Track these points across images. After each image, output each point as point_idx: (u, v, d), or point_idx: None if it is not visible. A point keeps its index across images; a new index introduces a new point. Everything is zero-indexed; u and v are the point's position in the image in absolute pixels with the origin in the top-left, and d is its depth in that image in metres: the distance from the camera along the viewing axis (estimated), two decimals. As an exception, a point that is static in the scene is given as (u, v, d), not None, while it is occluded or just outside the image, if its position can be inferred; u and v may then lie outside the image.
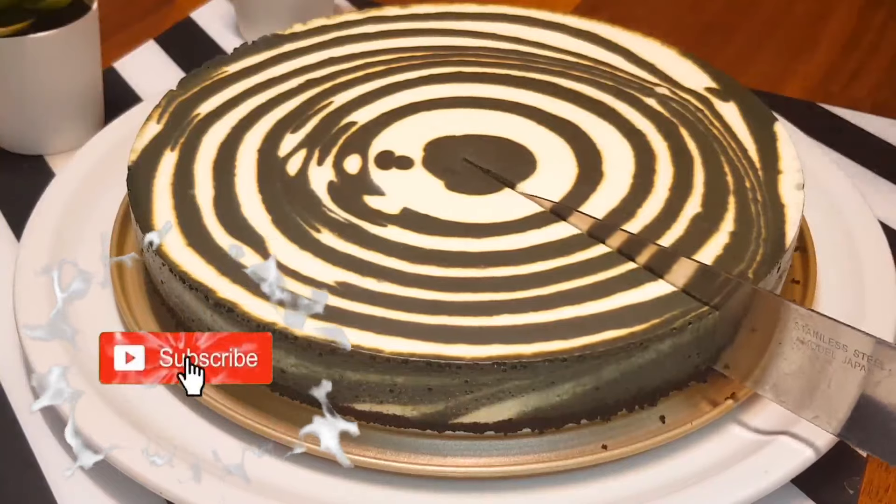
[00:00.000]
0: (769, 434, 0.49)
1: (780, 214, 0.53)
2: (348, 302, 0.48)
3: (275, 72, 0.64)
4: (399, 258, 0.50)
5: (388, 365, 0.45)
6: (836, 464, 0.50)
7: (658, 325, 0.47)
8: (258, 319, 0.47)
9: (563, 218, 0.53)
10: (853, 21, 0.92)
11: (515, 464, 0.47)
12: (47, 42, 0.66)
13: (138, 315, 0.53)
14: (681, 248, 0.51)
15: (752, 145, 0.58)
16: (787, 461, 0.47)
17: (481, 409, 0.46)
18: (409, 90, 0.63)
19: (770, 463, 0.47)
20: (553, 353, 0.45)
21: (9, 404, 0.53)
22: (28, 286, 0.55)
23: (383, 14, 0.70)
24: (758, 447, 0.48)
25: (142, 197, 0.54)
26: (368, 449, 0.47)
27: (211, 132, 0.59)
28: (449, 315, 0.47)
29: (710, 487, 0.46)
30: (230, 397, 0.49)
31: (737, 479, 0.46)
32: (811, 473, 0.48)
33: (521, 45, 0.67)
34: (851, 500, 0.49)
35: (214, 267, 0.49)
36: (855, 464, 0.51)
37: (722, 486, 0.46)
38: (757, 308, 0.47)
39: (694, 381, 0.49)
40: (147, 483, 0.46)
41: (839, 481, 0.50)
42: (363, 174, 0.56)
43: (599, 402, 0.47)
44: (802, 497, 0.49)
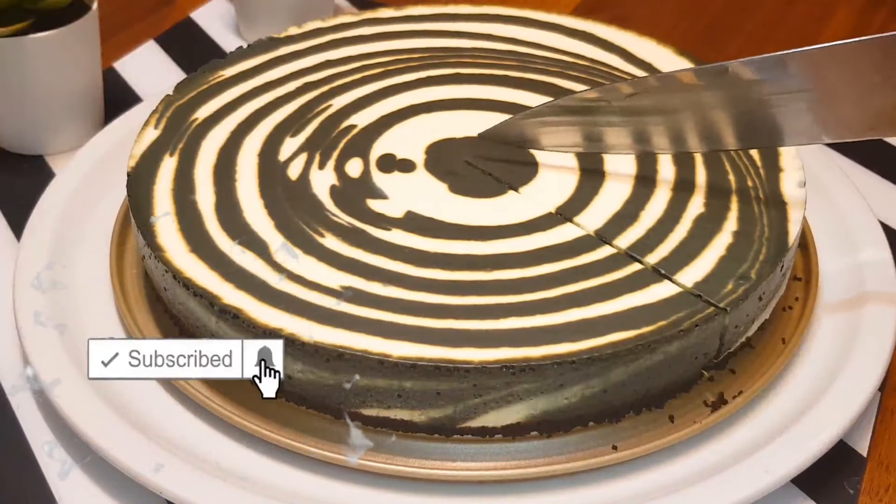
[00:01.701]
0: (770, 434, 0.49)
1: (783, 213, 0.54)
2: (354, 307, 0.48)
3: (272, 75, 0.64)
4: (404, 262, 0.50)
5: (395, 370, 0.45)
6: (836, 464, 0.50)
7: (665, 326, 0.47)
8: (264, 325, 0.47)
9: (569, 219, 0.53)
10: (853, 21, 0.92)
11: (527, 466, 0.47)
12: (47, 42, 0.66)
13: (140, 322, 0.53)
14: (684, 250, 0.51)
15: (752, 142, 0.58)
16: (787, 461, 0.47)
17: (490, 413, 0.46)
18: (408, 92, 0.63)
19: (770, 463, 0.47)
20: (561, 356, 0.45)
21: (9, 404, 0.53)
22: (28, 286, 0.55)
23: (378, 16, 0.70)
24: (758, 447, 0.48)
25: (142, 203, 0.54)
26: (378, 454, 0.47)
27: (210, 137, 0.59)
28: (456, 318, 0.47)
29: (710, 487, 0.46)
30: (232, 402, 0.49)
31: (737, 479, 0.46)
32: (811, 473, 0.48)
33: (517, 46, 0.67)
34: (851, 500, 0.49)
35: (218, 273, 0.49)
36: (855, 464, 0.51)
37: (722, 486, 0.46)
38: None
39: (701, 382, 0.50)
40: (147, 483, 0.46)
41: (839, 481, 0.50)
42: (365, 178, 0.56)
43: (607, 404, 0.47)
44: (802, 497, 0.49)
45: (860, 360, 0.52)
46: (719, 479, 0.46)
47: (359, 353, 0.45)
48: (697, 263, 0.50)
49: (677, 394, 0.49)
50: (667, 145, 0.54)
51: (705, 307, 0.48)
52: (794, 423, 0.49)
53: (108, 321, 0.54)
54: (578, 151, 0.56)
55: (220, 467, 0.47)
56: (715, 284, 0.49)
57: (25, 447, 0.51)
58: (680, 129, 0.52)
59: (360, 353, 0.45)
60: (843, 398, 0.50)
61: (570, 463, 0.47)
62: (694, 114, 0.51)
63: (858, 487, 0.50)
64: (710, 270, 0.50)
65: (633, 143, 0.54)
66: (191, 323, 0.51)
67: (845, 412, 0.49)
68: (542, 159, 0.57)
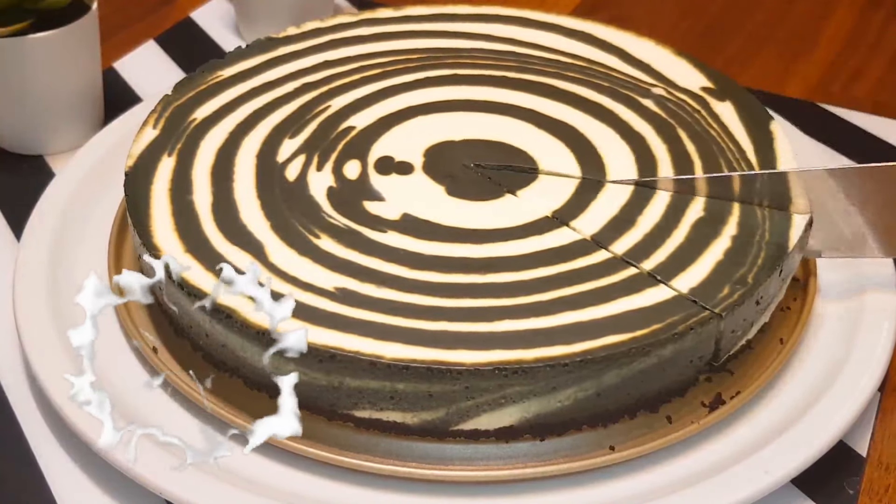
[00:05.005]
0: (769, 434, 0.49)
1: (785, 216, 0.53)
2: (348, 308, 0.48)
3: (270, 76, 0.64)
4: (399, 264, 0.50)
5: (388, 371, 0.45)
6: (836, 464, 0.50)
7: (659, 329, 0.46)
8: (257, 326, 0.46)
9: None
10: (853, 21, 0.91)
11: (524, 466, 0.46)
12: (47, 42, 0.66)
13: (137, 320, 0.53)
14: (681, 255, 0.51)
15: (750, 146, 0.58)
16: (787, 461, 0.47)
17: (482, 416, 0.46)
18: (406, 93, 0.63)
19: (770, 463, 0.47)
20: (554, 359, 0.45)
21: (9, 404, 0.53)
22: (28, 286, 0.55)
23: (377, 16, 0.70)
24: (758, 447, 0.48)
25: (140, 203, 0.54)
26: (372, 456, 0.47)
27: (208, 137, 0.59)
28: (449, 321, 0.47)
29: (710, 487, 0.46)
30: (230, 405, 0.49)
31: (737, 479, 0.46)
32: (811, 473, 0.48)
33: (516, 47, 0.67)
34: (851, 500, 0.49)
35: (213, 273, 0.49)
36: (855, 464, 0.51)
37: (722, 486, 0.46)
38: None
39: (697, 384, 0.50)
40: (147, 483, 0.46)
41: (839, 481, 0.50)
42: (363, 179, 0.56)
43: (601, 407, 0.47)
44: (802, 497, 0.49)
45: (859, 361, 0.51)
46: (718, 480, 0.46)
47: (351, 354, 0.45)
48: (695, 268, 0.50)
49: (672, 398, 0.49)
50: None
51: (700, 311, 0.48)
52: (794, 424, 0.49)
53: (108, 321, 0.54)
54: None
55: (218, 467, 0.47)
56: (711, 289, 0.49)
57: (25, 447, 0.51)
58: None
59: (352, 354, 0.45)
60: (842, 398, 0.50)
61: (567, 463, 0.46)
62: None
63: (858, 487, 0.50)
64: (706, 275, 0.50)
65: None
66: (185, 322, 0.51)
67: (845, 412, 0.49)
68: (541, 163, 0.57)
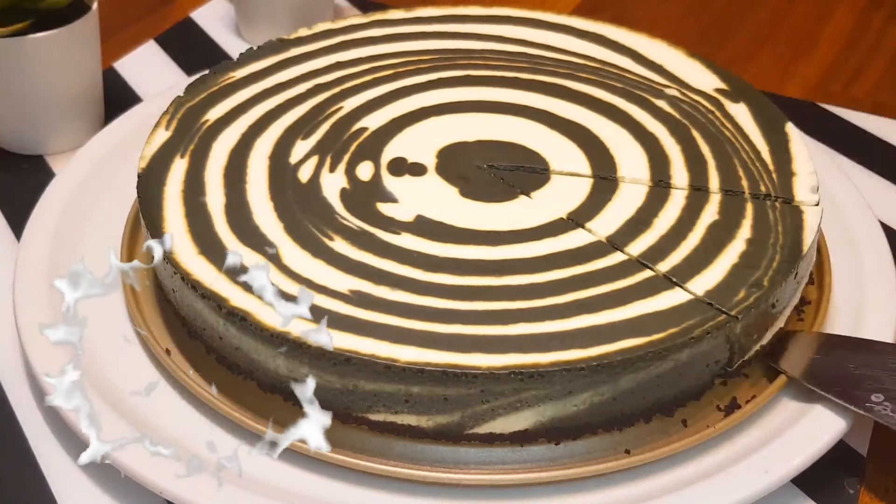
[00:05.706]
0: (769, 434, 0.49)
1: (798, 220, 0.53)
2: (362, 311, 0.47)
3: (282, 77, 0.63)
4: (413, 266, 0.50)
5: (403, 374, 0.45)
6: (836, 464, 0.50)
7: (676, 334, 0.46)
8: (271, 329, 0.46)
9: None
10: (853, 21, 0.92)
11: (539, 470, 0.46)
12: (47, 42, 0.66)
13: (150, 322, 0.53)
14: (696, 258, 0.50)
15: (765, 147, 0.58)
16: (787, 461, 0.47)
17: (497, 420, 0.46)
18: (419, 94, 0.62)
19: (770, 463, 0.47)
20: (570, 363, 0.45)
21: (9, 404, 0.53)
22: (28, 286, 0.55)
23: (388, 17, 0.70)
24: (758, 447, 0.48)
25: (153, 204, 0.53)
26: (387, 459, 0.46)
27: (221, 139, 0.58)
28: (464, 324, 0.47)
29: (710, 487, 0.46)
30: (239, 405, 0.48)
31: (737, 479, 0.46)
32: (811, 473, 0.48)
33: (527, 48, 0.67)
34: (851, 500, 0.49)
35: (227, 275, 0.49)
36: (855, 464, 0.51)
37: (722, 486, 0.46)
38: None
39: (712, 389, 0.49)
40: (147, 483, 0.46)
41: (839, 481, 0.50)
42: (376, 181, 0.56)
43: (617, 412, 0.47)
44: (802, 497, 0.49)
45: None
46: (719, 479, 0.46)
47: (366, 357, 0.45)
48: (710, 271, 0.50)
49: (687, 402, 0.49)
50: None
51: (716, 315, 0.47)
52: (794, 423, 0.49)
53: (108, 321, 0.54)
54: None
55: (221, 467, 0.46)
56: (727, 292, 0.49)
57: (25, 447, 0.51)
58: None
59: (366, 358, 0.45)
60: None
61: (582, 467, 0.46)
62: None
63: (858, 487, 0.50)
64: (722, 278, 0.49)
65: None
66: (198, 325, 0.50)
67: (845, 412, 0.49)
68: (554, 165, 0.57)
